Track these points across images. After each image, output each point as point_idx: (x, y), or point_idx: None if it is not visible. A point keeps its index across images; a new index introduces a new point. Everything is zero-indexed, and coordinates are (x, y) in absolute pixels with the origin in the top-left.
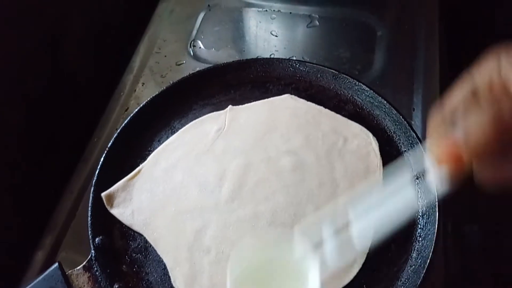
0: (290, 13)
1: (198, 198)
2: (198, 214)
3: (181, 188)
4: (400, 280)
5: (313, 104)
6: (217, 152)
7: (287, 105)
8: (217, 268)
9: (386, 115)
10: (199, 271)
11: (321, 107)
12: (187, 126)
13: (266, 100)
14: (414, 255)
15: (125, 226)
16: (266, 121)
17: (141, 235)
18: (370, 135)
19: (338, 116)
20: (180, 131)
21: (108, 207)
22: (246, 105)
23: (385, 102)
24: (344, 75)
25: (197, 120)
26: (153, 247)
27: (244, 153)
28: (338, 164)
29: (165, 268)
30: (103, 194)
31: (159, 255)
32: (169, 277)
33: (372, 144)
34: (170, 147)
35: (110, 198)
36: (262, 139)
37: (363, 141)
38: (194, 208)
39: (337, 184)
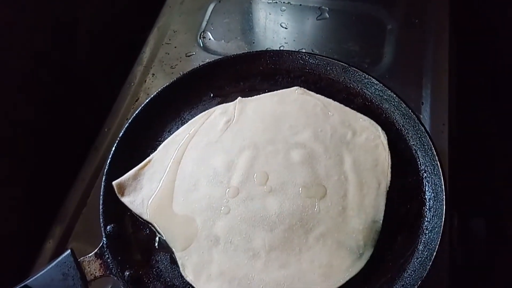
0: (300, 5)
1: (207, 188)
2: (207, 204)
3: (190, 178)
4: (406, 272)
5: (322, 97)
6: (226, 144)
7: (295, 97)
8: (226, 257)
9: (395, 108)
10: (207, 260)
11: (330, 100)
12: (196, 117)
13: (275, 92)
14: (421, 247)
15: (136, 214)
16: (275, 114)
17: (151, 223)
18: (379, 128)
19: (347, 109)
20: (189, 122)
21: (119, 195)
22: (255, 97)
23: (395, 95)
24: (354, 68)
25: (206, 111)
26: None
27: (252, 145)
28: (347, 157)
29: (174, 256)
30: (114, 183)
31: (168, 244)
32: (177, 263)
33: (380, 137)
34: (180, 138)
35: (121, 186)
36: (271, 131)
37: (371, 134)
38: (203, 198)
39: (346, 177)
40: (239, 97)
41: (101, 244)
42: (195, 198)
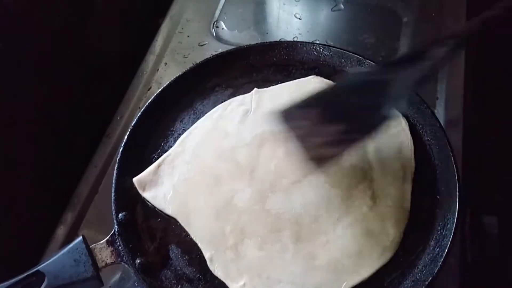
0: None
1: (229, 182)
2: (230, 198)
3: (211, 172)
4: (417, 268)
5: None
6: (245, 136)
7: (313, 86)
8: (253, 251)
9: (410, 102)
10: (235, 255)
11: None
12: (212, 110)
13: (291, 82)
14: (432, 243)
15: (148, 203)
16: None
17: (162, 212)
18: (400, 114)
19: None
20: (206, 115)
21: (140, 191)
22: (271, 87)
23: None
24: (369, 61)
25: (222, 104)
26: (174, 225)
27: (272, 137)
28: (369, 145)
29: (185, 245)
30: (135, 179)
31: (180, 232)
32: (187, 253)
33: (402, 123)
34: (198, 131)
35: (142, 182)
36: None
37: (392, 121)
38: (225, 192)
39: (370, 165)
40: (255, 88)
41: (112, 231)
42: (217, 192)
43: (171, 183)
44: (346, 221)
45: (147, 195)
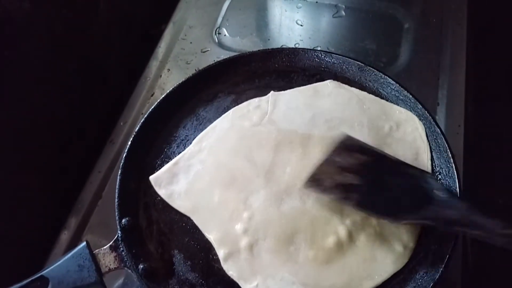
0: (316, 2)
1: (244, 182)
2: (245, 198)
3: (226, 172)
4: (418, 274)
5: (357, 90)
6: (261, 138)
7: (330, 90)
8: (267, 251)
9: (411, 109)
10: (249, 255)
11: (365, 93)
12: (229, 111)
13: (308, 86)
14: (434, 248)
15: (151, 208)
16: (310, 108)
17: (166, 218)
18: (416, 120)
19: (383, 101)
20: (222, 116)
21: (156, 189)
22: (288, 90)
23: (411, 96)
24: (370, 68)
25: (239, 105)
26: (177, 230)
27: (288, 140)
28: (386, 150)
29: (188, 250)
30: (151, 178)
31: (183, 238)
32: (190, 258)
33: (418, 129)
34: (213, 131)
35: (158, 180)
36: (306, 126)
37: (409, 126)
38: (240, 191)
39: None
40: (272, 91)
41: (116, 237)
42: (232, 192)
43: (187, 181)
44: (360, 226)
45: (162, 193)
